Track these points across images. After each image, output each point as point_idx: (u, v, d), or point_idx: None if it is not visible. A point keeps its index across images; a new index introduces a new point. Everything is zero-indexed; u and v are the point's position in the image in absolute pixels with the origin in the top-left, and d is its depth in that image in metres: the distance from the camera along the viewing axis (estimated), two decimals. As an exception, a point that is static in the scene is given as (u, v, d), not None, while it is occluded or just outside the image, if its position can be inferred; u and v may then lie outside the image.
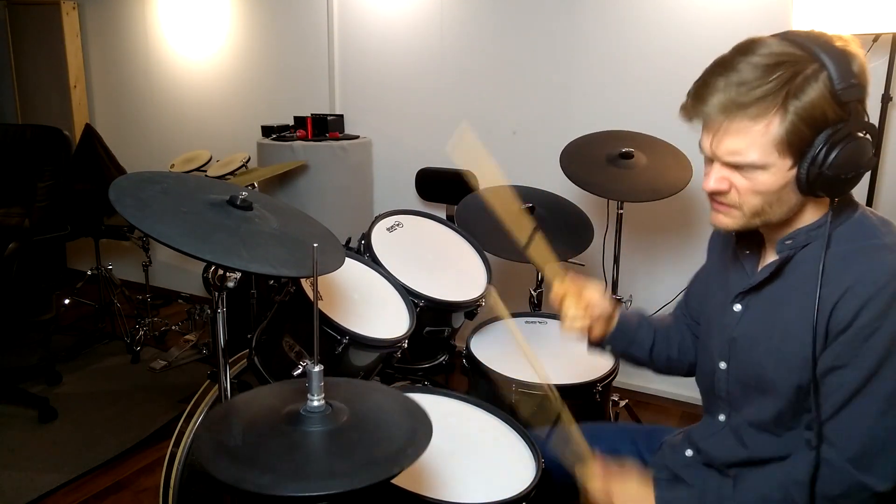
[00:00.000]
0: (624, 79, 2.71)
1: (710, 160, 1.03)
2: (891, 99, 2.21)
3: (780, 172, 0.97)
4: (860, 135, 0.96)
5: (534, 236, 1.41)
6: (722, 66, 0.97)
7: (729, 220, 1.05)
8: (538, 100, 2.91)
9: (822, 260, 0.99)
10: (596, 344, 1.35)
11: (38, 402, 2.66)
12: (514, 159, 3.00)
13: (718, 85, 0.95)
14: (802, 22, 2.12)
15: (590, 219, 2.26)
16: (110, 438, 2.48)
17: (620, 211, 2.33)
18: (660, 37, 2.61)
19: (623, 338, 1.34)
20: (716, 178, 1.02)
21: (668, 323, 1.41)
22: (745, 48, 0.96)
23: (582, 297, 1.29)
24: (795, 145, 0.94)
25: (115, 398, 2.81)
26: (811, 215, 1.04)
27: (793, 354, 1.04)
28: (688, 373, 1.39)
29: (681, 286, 1.43)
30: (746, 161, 0.97)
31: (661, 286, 2.77)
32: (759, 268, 1.13)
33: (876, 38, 2.18)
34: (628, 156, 2.24)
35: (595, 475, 1.19)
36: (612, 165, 2.25)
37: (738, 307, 1.15)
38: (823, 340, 1.00)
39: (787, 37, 0.97)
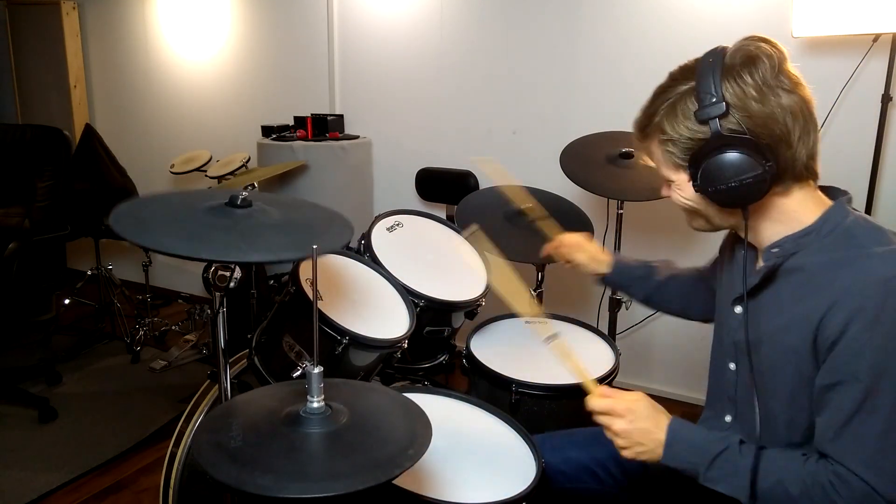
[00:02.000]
0: (624, 79, 2.71)
1: None
2: (891, 99, 2.21)
3: (685, 186, 1.06)
4: (725, 149, 0.98)
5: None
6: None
7: (693, 223, 1.14)
8: (538, 100, 2.91)
9: (804, 266, 1.02)
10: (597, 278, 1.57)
11: (38, 402, 2.66)
12: (514, 159, 3.00)
13: (637, 116, 1.10)
14: (802, 22, 2.13)
15: (590, 219, 2.26)
16: (110, 438, 2.49)
17: (620, 211, 2.33)
18: (660, 37, 2.61)
19: (623, 274, 1.54)
20: (662, 188, 1.14)
21: (688, 276, 1.48)
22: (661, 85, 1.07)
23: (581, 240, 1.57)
24: (679, 165, 1.05)
25: (115, 398, 2.81)
26: (797, 223, 1.04)
27: (787, 363, 1.04)
28: (684, 317, 1.51)
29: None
30: (662, 174, 1.09)
31: (661, 286, 2.77)
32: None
33: (876, 38, 2.18)
34: (628, 156, 2.24)
35: (597, 401, 1.12)
36: (612, 165, 2.25)
37: (738, 309, 1.16)
38: (814, 357, 0.99)
39: (706, 55, 1.02)
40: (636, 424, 1.08)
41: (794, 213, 1.04)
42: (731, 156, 0.98)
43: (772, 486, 1.00)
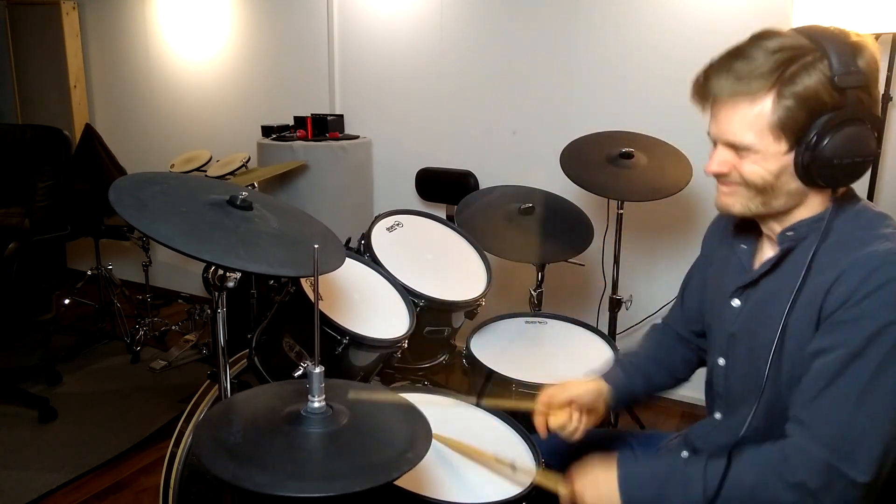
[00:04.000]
0: (624, 79, 2.71)
1: (714, 142, 1.06)
2: (891, 99, 2.21)
3: (776, 156, 0.98)
4: (858, 123, 0.95)
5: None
6: (730, 52, 1.00)
7: (731, 202, 1.06)
8: (538, 100, 2.91)
9: (812, 250, 0.99)
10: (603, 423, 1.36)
11: (38, 402, 2.66)
12: (514, 159, 3.00)
13: (723, 68, 0.98)
14: (802, 22, 2.12)
15: (590, 219, 2.26)
16: (110, 438, 2.48)
17: (620, 211, 2.33)
18: (660, 37, 2.61)
19: (621, 400, 1.34)
20: (717, 161, 1.04)
21: (656, 351, 1.39)
22: (758, 36, 0.99)
23: (561, 403, 1.28)
24: (791, 129, 0.96)
25: (115, 398, 2.81)
26: (813, 208, 1.04)
27: (795, 347, 1.02)
28: (675, 385, 1.39)
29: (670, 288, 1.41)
30: (743, 143, 0.99)
31: (660, 286, 2.77)
32: (756, 262, 1.13)
33: (876, 38, 2.17)
34: (628, 156, 2.24)
35: (561, 483, 1.14)
36: (612, 165, 2.25)
37: (736, 302, 1.15)
38: (815, 327, 0.98)
39: (801, 29, 1.00)
40: (592, 487, 1.09)
41: (815, 197, 1.03)
42: (865, 131, 0.95)
43: (727, 485, 0.99)
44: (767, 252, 1.12)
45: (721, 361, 1.18)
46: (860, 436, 0.92)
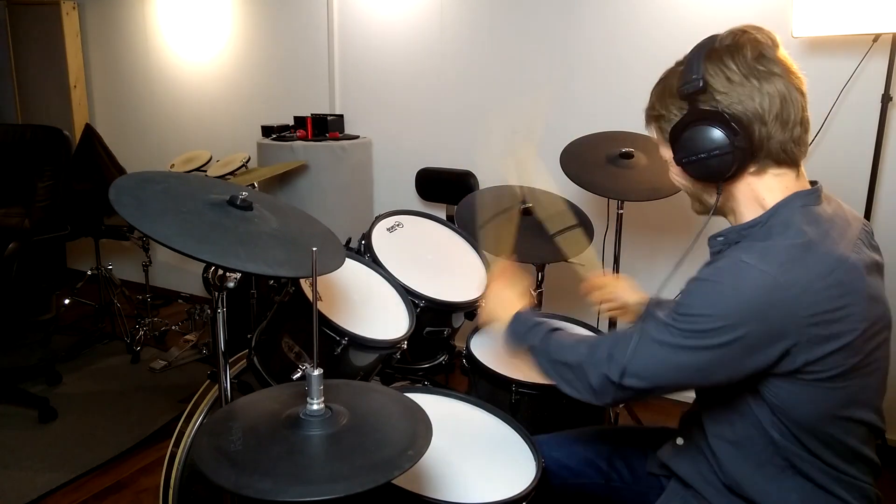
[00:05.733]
0: (624, 79, 2.71)
1: None
2: (891, 99, 2.21)
3: (673, 164, 1.12)
4: (696, 124, 1.04)
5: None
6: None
7: (693, 206, 1.20)
8: (538, 99, 2.91)
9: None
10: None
11: (38, 402, 2.66)
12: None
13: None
14: (802, 22, 2.12)
15: (590, 219, 2.26)
16: (110, 438, 2.49)
17: (620, 211, 2.33)
18: (660, 37, 2.61)
19: None
20: (670, 172, 1.18)
21: None
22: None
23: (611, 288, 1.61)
24: (666, 142, 1.11)
25: (115, 398, 2.81)
26: (760, 208, 1.07)
27: None
28: None
29: (681, 286, 1.42)
30: (664, 158, 1.15)
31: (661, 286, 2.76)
32: None
33: (876, 38, 2.17)
34: (628, 156, 2.24)
35: (497, 268, 1.43)
36: (612, 165, 2.25)
37: None
38: None
39: (702, 41, 1.10)
40: (498, 302, 1.39)
41: (760, 198, 1.06)
42: (703, 128, 1.04)
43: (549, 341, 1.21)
44: None
45: None
46: (633, 357, 1.04)
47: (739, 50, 1.04)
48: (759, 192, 1.06)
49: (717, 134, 1.03)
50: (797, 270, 0.94)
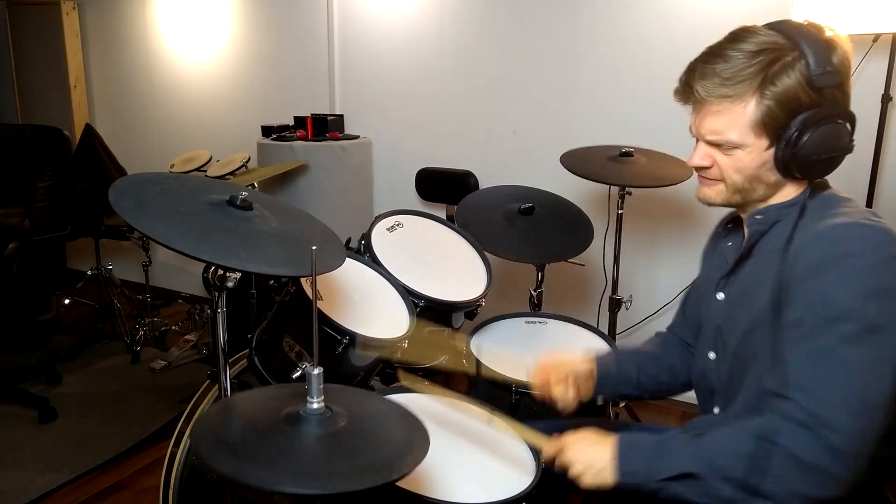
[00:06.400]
0: (624, 78, 2.71)
1: (696, 138, 1.11)
2: (891, 99, 2.21)
3: (757, 152, 1.04)
4: (835, 120, 1.01)
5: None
6: (711, 53, 1.05)
7: (712, 193, 1.12)
8: (538, 100, 2.91)
9: (784, 234, 1.03)
10: (589, 402, 1.39)
11: (38, 402, 2.66)
12: (514, 159, 3.00)
13: (705, 70, 1.04)
14: (802, 22, 2.12)
15: (590, 219, 2.26)
16: (110, 438, 2.49)
17: (620, 211, 2.33)
18: (660, 37, 2.60)
19: (607, 383, 1.37)
20: (700, 155, 1.10)
21: (653, 348, 1.42)
22: (735, 37, 1.05)
23: (559, 374, 1.34)
24: (771, 127, 1.01)
25: (115, 398, 2.81)
26: (785, 195, 1.08)
27: (763, 329, 1.05)
28: (682, 389, 1.39)
29: (681, 286, 1.43)
30: (726, 140, 1.05)
31: (661, 286, 2.77)
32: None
33: (876, 38, 2.18)
34: (628, 154, 2.24)
35: (549, 447, 1.16)
36: (613, 162, 2.26)
37: (720, 295, 1.18)
38: (774, 300, 1.02)
39: (777, 26, 1.04)
40: (584, 448, 1.10)
41: (790, 187, 1.08)
42: (840, 128, 1.01)
43: (715, 451, 0.98)
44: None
45: (711, 355, 1.20)
46: (836, 406, 0.91)
47: (837, 48, 1.01)
48: (791, 183, 1.08)
49: (849, 134, 1.02)
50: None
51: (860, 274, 0.93)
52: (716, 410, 1.21)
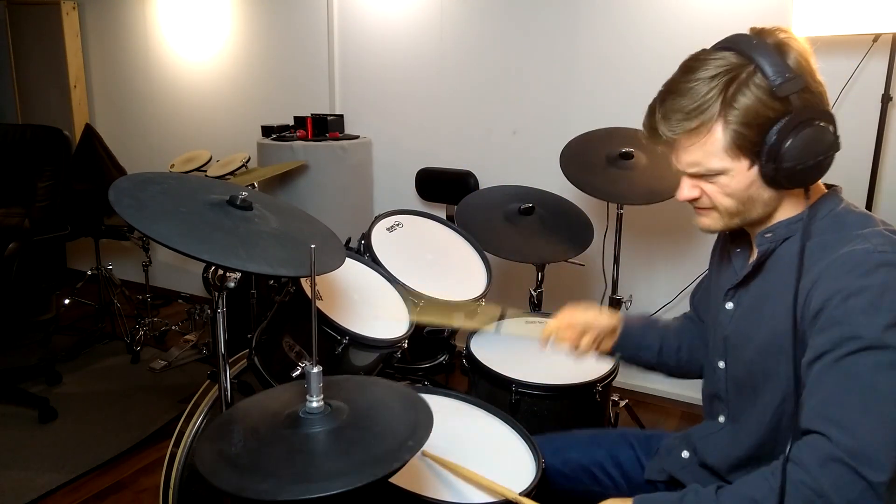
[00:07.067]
0: (624, 78, 2.71)
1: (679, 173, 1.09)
2: (891, 99, 2.21)
3: (741, 173, 1.01)
4: (810, 123, 0.97)
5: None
6: (667, 91, 1.03)
7: (710, 222, 1.10)
8: (538, 100, 2.91)
9: (800, 247, 0.99)
10: (606, 353, 1.41)
11: (38, 402, 2.66)
12: (514, 159, 3.00)
13: (664, 109, 1.02)
14: (802, 22, 2.13)
15: (590, 219, 2.26)
16: (110, 438, 2.49)
17: (620, 211, 2.33)
18: (660, 36, 2.61)
19: (629, 343, 1.38)
20: (686, 188, 1.08)
21: (678, 324, 1.42)
22: (687, 68, 1.02)
23: (575, 325, 1.36)
24: (746, 148, 0.99)
25: (115, 398, 2.81)
26: (791, 209, 1.06)
27: (780, 349, 1.03)
28: (699, 374, 1.35)
29: (681, 286, 1.43)
30: (706, 169, 1.03)
31: (660, 286, 2.77)
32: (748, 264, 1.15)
33: (876, 38, 2.18)
34: (628, 156, 2.24)
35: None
36: (612, 167, 2.25)
37: (729, 305, 1.17)
38: (792, 329, 0.99)
39: (728, 44, 1.01)
40: None
41: (795, 197, 1.06)
42: (819, 130, 0.98)
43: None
44: (756, 254, 1.13)
45: (721, 364, 1.19)
46: (871, 438, 0.89)
47: (791, 47, 0.99)
48: (794, 192, 1.05)
49: (829, 134, 0.98)
50: None
51: (888, 302, 0.91)
52: (721, 419, 1.20)
